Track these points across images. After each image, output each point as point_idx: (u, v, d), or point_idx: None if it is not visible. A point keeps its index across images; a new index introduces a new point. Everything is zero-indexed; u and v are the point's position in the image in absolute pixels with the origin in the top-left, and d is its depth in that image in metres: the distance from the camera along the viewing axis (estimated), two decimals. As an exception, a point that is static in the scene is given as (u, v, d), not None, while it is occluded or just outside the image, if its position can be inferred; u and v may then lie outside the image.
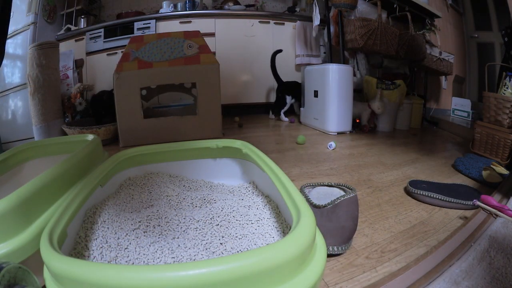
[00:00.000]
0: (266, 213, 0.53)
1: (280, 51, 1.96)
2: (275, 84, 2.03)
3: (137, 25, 2.00)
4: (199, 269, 0.25)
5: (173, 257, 0.41)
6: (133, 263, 0.40)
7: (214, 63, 1.34)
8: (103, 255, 0.41)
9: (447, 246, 0.52)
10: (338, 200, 0.58)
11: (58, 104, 1.51)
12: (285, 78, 1.99)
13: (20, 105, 1.82)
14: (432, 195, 0.72)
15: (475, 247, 0.50)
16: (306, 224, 0.32)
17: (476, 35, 2.16)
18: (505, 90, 1.11)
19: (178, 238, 0.46)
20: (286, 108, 1.96)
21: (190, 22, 2.03)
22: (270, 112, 2.07)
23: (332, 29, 1.82)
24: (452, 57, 1.94)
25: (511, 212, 0.59)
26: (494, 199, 0.65)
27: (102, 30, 2.02)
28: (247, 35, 2.12)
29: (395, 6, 1.76)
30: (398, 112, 1.74)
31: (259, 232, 0.47)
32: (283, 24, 2.18)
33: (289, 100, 1.95)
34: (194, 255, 0.41)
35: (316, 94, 1.62)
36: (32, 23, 1.83)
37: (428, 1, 1.91)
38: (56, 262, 0.28)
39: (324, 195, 0.67)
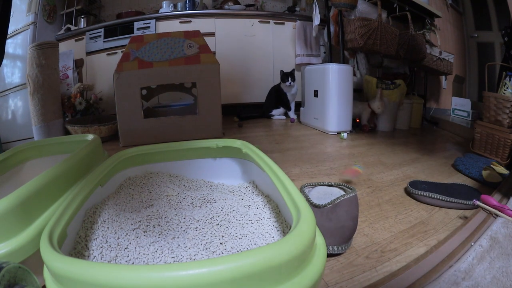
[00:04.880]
0: (266, 212, 0.53)
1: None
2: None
3: (137, 25, 2.00)
4: (199, 269, 0.25)
5: (173, 257, 0.41)
6: (133, 263, 0.40)
7: (214, 63, 1.34)
8: (103, 255, 0.41)
9: (447, 246, 0.52)
10: (338, 200, 0.58)
11: (58, 104, 1.51)
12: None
13: (20, 105, 1.82)
14: (432, 195, 0.72)
15: (475, 247, 0.50)
16: (306, 224, 0.32)
17: (476, 35, 2.16)
18: (505, 90, 1.11)
19: (178, 237, 0.46)
20: (277, 113, 2.02)
21: (190, 22, 2.03)
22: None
23: (332, 29, 1.82)
24: (452, 57, 1.94)
25: (511, 212, 0.59)
26: (494, 199, 0.65)
27: (102, 30, 2.02)
28: (247, 35, 2.12)
29: (395, 6, 1.76)
30: (398, 112, 1.74)
31: (259, 231, 0.47)
32: (283, 24, 2.18)
33: (276, 112, 2.01)
34: (194, 255, 0.41)
35: (316, 94, 1.62)
36: (32, 23, 1.83)
37: (428, 1, 1.91)
38: (56, 262, 0.28)
39: (324, 194, 0.67)
